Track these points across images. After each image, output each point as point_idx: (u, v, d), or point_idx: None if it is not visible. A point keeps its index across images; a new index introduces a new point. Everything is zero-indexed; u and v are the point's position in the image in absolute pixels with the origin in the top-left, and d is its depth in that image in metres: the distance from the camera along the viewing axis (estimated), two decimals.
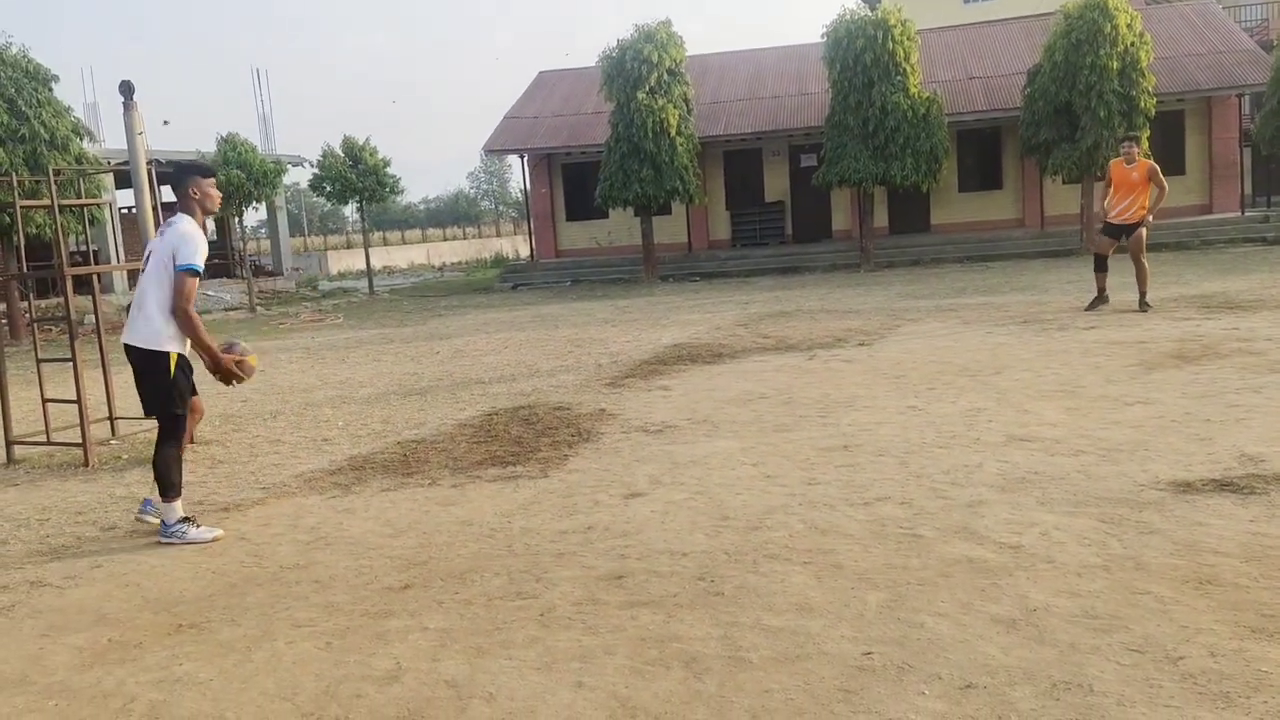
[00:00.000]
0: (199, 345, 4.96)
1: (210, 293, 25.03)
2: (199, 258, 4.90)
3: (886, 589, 3.66)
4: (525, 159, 27.17)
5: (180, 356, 5.01)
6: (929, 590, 3.61)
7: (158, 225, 5.60)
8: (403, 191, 27.80)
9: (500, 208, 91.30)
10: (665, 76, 21.73)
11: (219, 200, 5.21)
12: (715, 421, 6.90)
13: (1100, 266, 11.37)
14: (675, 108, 21.65)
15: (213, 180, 5.14)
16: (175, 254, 4.87)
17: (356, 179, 24.67)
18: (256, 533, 5.02)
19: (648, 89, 21.33)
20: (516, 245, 46.28)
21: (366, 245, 29.23)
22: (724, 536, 4.40)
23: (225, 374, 5.14)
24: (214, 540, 4.89)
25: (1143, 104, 19.76)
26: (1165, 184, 10.95)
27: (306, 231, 76.02)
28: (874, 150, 20.71)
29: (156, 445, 5.06)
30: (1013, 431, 5.95)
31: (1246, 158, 26.88)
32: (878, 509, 4.64)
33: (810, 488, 5.08)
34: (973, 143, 25.34)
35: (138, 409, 5.51)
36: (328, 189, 25.26)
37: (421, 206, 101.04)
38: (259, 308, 23.11)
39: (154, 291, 4.91)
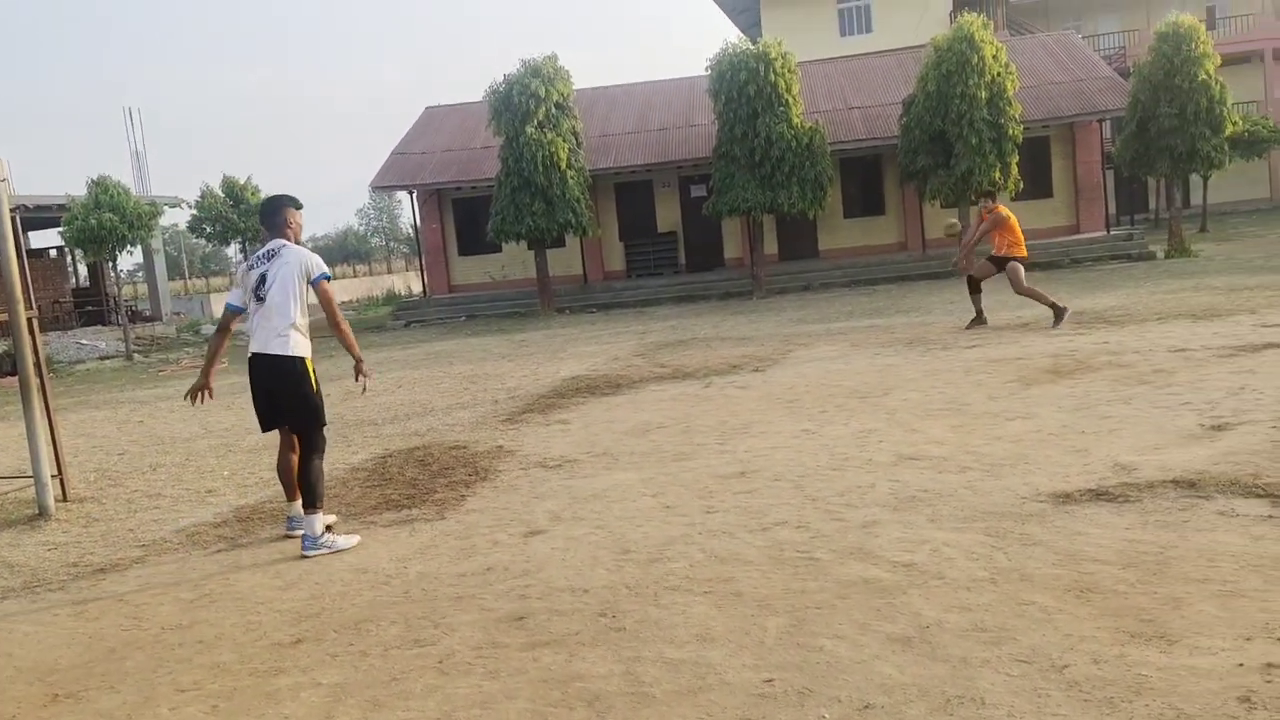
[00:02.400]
0: (351, 346, 5.34)
1: (83, 341, 23.94)
2: (325, 267, 5.36)
3: (786, 614, 3.69)
4: (415, 195, 26.88)
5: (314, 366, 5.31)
6: (827, 613, 3.66)
7: (22, 271, 5.56)
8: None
9: (391, 244, 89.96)
10: (554, 110, 21.83)
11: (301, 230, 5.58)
12: (614, 454, 6.89)
13: (974, 288, 12.25)
14: (565, 141, 21.75)
15: (301, 212, 5.54)
16: (308, 269, 5.25)
17: (239, 219, 24.02)
18: (136, 593, 4.78)
19: (536, 123, 21.39)
20: (409, 282, 45.61)
21: None
22: (625, 570, 4.38)
23: (362, 371, 5.43)
24: (355, 545, 5.13)
25: (1011, 131, 20.71)
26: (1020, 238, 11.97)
27: (188, 274, 73.54)
28: (761, 179, 21.17)
29: (302, 458, 5.26)
30: (902, 451, 6.10)
31: (1109, 179, 28.42)
32: (775, 534, 4.68)
33: (709, 516, 5.11)
34: (855, 170, 26.14)
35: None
36: (208, 230, 24.52)
37: (309, 245, 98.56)
38: (136, 355, 22.20)
39: (289, 306, 5.20)
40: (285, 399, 5.25)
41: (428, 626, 3.93)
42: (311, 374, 5.27)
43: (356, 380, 5.45)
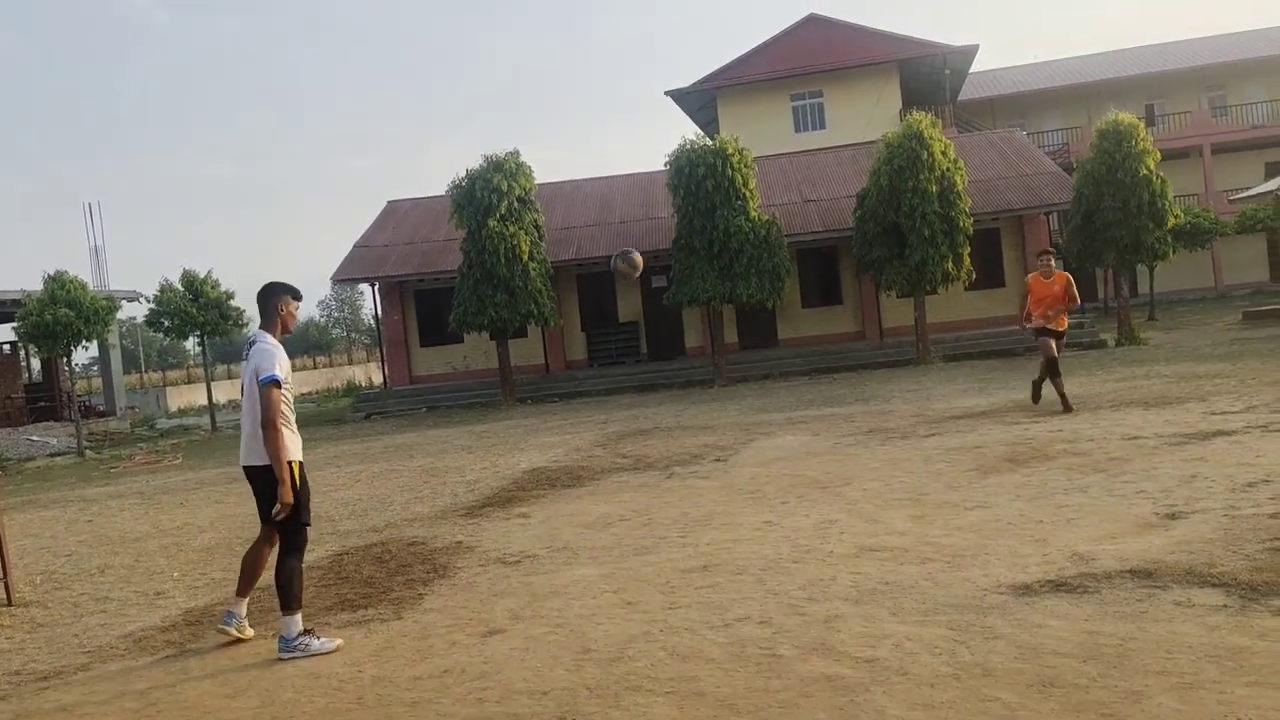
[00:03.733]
0: (275, 459, 4.99)
1: (34, 438, 23.44)
2: (278, 369, 5.08)
3: (749, 714, 3.64)
4: (376, 286, 26.94)
5: (300, 467, 5.13)
6: (790, 712, 3.61)
7: None
8: (248, 324, 27.00)
9: (352, 335, 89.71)
10: (515, 204, 22.13)
11: (295, 321, 5.48)
12: (575, 548, 6.82)
13: (1055, 371, 11.21)
14: (527, 234, 22.01)
15: (299, 303, 5.43)
16: (258, 371, 5.08)
17: (197, 313, 23.83)
18: (80, 704, 4.61)
19: (499, 216, 21.65)
20: (370, 373, 45.40)
21: (208, 380, 28.11)
22: (585, 670, 4.30)
23: (286, 505, 5.00)
24: (335, 650, 4.91)
25: (962, 223, 21.28)
26: (1078, 298, 11.33)
27: (144, 367, 72.62)
28: (720, 270, 21.50)
29: (280, 557, 5.11)
30: (864, 542, 6.11)
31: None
32: (738, 630, 4.64)
33: (671, 612, 5.05)
34: (812, 261, 26.64)
35: None
36: (166, 324, 24.29)
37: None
38: (88, 451, 21.75)
39: (254, 411, 5.09)
40: (262, 501, 5.17)
41: None
42: (297, 474, 5.11)
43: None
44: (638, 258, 8.61)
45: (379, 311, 27.70)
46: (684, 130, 65.88)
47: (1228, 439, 8.27)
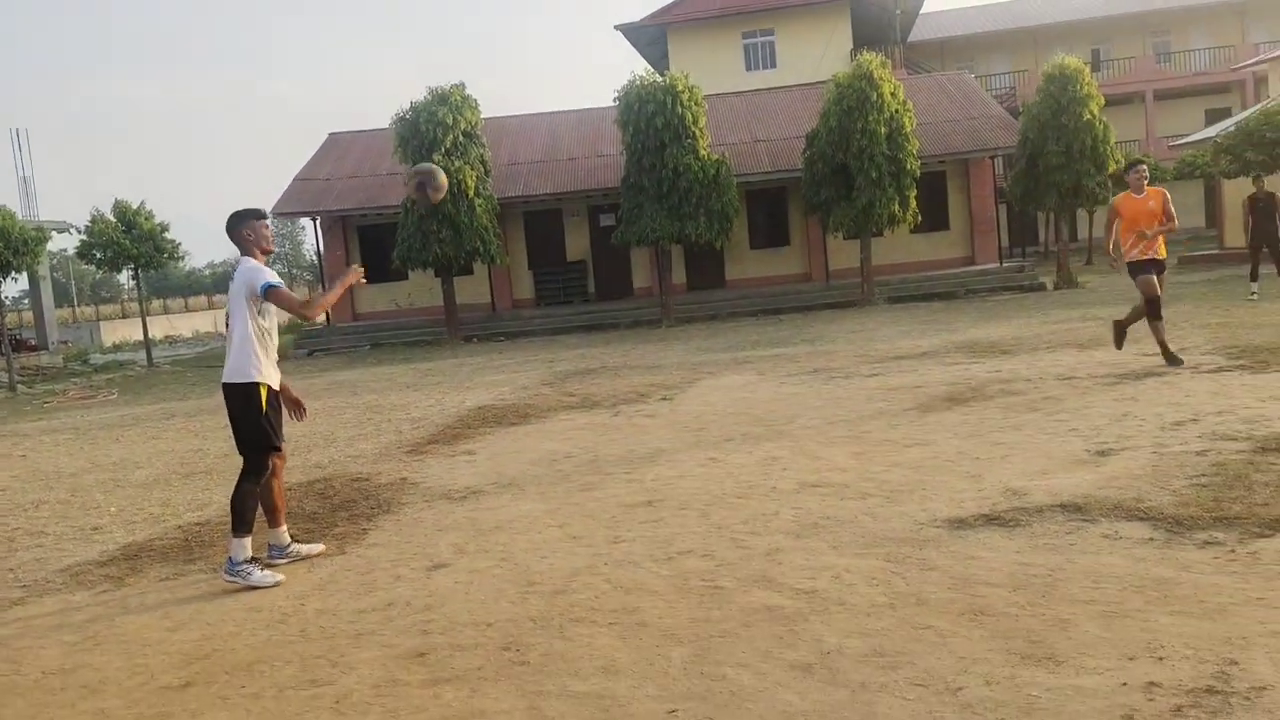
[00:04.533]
0: (333, 300, 5.47)
1: None
2: (272, 276, 5.15)
3: (690, 644, 3.70)
4: (318, 221, 26.39)
5: (270, 392, 5.17)
6: (731, 642, 3.68)
7: None
8: (184, 257, 26.35)
9: (294, 271, 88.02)
10: (461, 139, 21.74)
11: (273, 240, 5.52)
12: (521, 484, 6.84)
13: (1156, 312, 9.33)
14: (473, 169, 21.66)
15: (265, 222, 5.42)
16: (253, 286, 5.09)
17: (130, 245, 23.14)
18: (16, 637, 4.54)
19: (444, 151, 21.26)
20: None
21: (144, 314, 27.41)
22: (530, 603, 4.33)
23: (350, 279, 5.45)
24: (275, 585, 4.92)
25: (909, 166, 21.38)
26: (1175, 217, 9.54)
27: (76, 301, 70.71)
28: (669, 210, 21.39)
29: (239, 480, 5.14)
30: (806, 478, 6.20)
31: (1002, 213, 29.55)
32: (681, 563, 4.70)
33: (615, 546, 5.10)
34: (761, 202, 26.63)
35: None
36: (98, 256, 23.57)
37: (207, 271, 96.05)
38: (20, 386, 21.18)
39: (238, 328, 5.13)
40: (234, 424, 5.20)
41: (325, 666, 3.82)
42: (260, 399, 5.12)
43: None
44: (441, 178, 5.99)
45: (321, 247, 27.18)
46: (634, 66, 64.93)
47: (1158, 380, 8.50)
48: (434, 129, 21.11)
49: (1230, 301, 14.77)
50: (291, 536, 5.49)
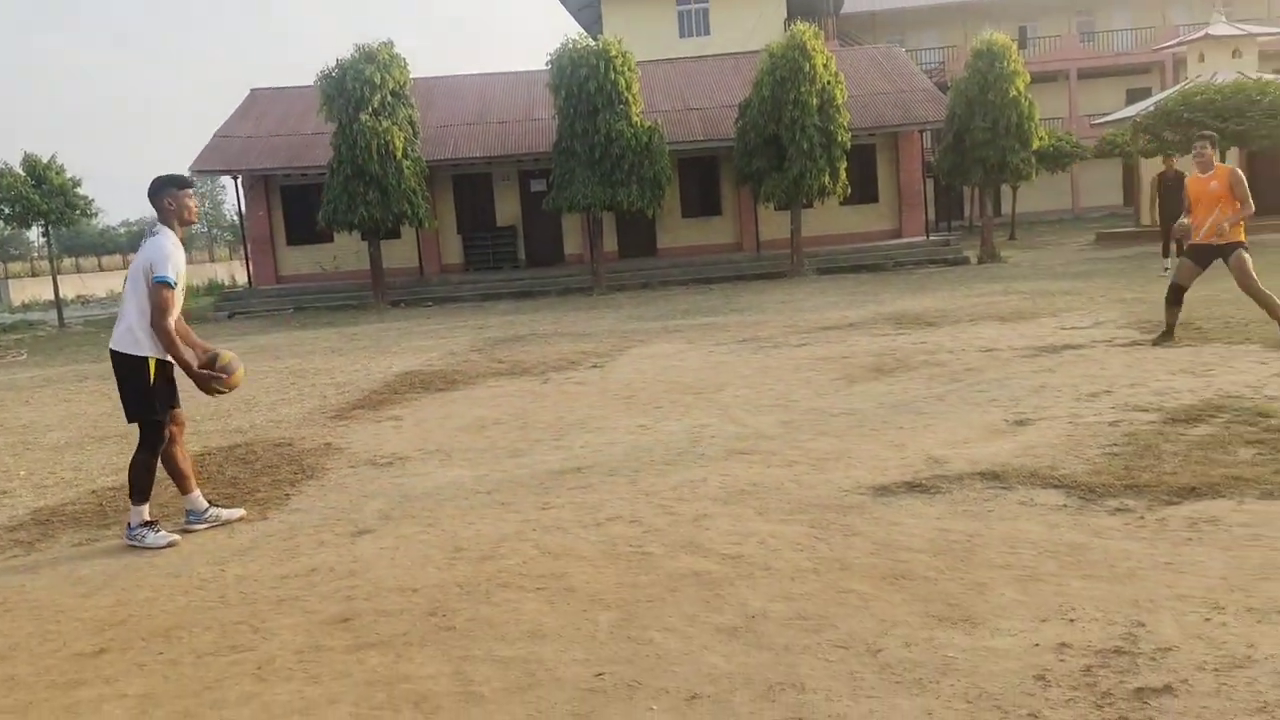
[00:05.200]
0: (174, 358, 5.06)
1: None
2: (171, 270, 4.97)
3: (618, 608, 3.72)
4: (239, 180, 25.65)
5: (160, 362, 5.07)
6: (658, 606, 3.71)
7: None
8: (97, 214, 25.42)
9: (214, 232, 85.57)
10: (389, 98, 21.26)
11: (196, 211, 5.36)
12: (448, 450, 6.78)
13: (1175, 299, 8.81)
14: (401, 130, 21.23)
15: (189, 191, 5.28)
16: (151, 267, 4.97)
17: (40, 200, 22.24)
18: None
19: (371, 110, 20.78)
20: (233, 271, 43.53)
21: (54, 273, 26.44)
22: (457, 569, 4.31)
23: (205, 387, 5.19)
24: (169, 546, 4.92)
25: (840, 137, 21.54)
26: (1250, 199, 8.50)
27: None
28: (601, 176, 21.26)
29: (136, 450, 5.10)
30: (734, 446, 6.26)
31: (930, 187, 30.00)
32: (609, 529, 4.71)
33: (544, 512, 5.09)
34: (693, 171, 26.62)
35: None
36: (5, 211, 22.61)
37: (123, 230, 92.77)
38: None
39: (133, 300, 5.02)
40: (121, 391, 5.13)
41: (246, 632, 3.75)
42: (149, 373, 5.03)
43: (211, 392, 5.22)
44: (237, 375, 5.43)
45: (242, 207, 26.44)
46: (567, 29, 64.29)
47: (1075, 352, 8.75)
48: (361, 87, 20.60)
49: (1145, 277, 15.25)
50: (210, 501, 5.37)
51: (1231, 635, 3.07)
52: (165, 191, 5.15)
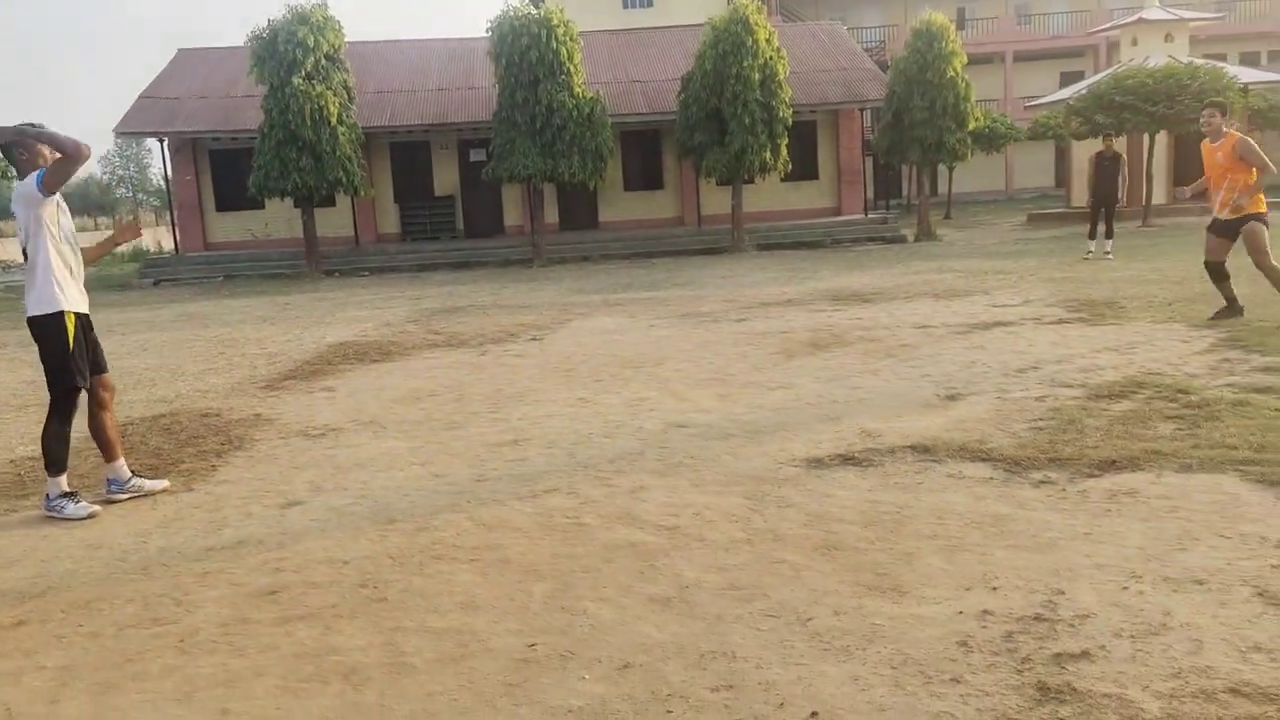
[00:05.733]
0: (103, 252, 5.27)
1: None
2: (35, 173, 4.79)
3: (552, 579, 3.71)
4: (166, 143, 24.89)
5: (79, 320, 4.94)
6: (592, 577, 3.71)
7: None
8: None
9: (140, 196, 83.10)
10: (324, 62, 20.76)
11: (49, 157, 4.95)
12: (382, 422, 6.69)
13: (1218, 275, 8.64)
14: (335, 95, 20.75)
15: (35, 133, 4.94)
16: (33, 196, 4.79)
17: None
18: None
19: (304, 74, 20.28)
20: (159, 237, 42.27)
21: None
22: (389, 540, 4.26)
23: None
24: (90, 517, 4.80)
25: (781, 113, 21.59)
26: (1268, 162, 8.27)
27: None
28: (542, 147, 21.05)
29: (46, 419, 4.97)
30: (672, 419, 6.27)
31: (869, 166, 30.30)
32: (545, 501, 4.70)
33: (479, 484, 5.05)
34: (636, 144, 26.49)
35: None
36: None
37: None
38: None
39: (39, 257, 4.85)
40: (42, 358, 5.01)
41: (169, 604, 3.67)
42: (67, 329, 4.88)
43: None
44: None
45: (169, 171, 25.68)
46: None
47: (1005, 329, 8.93)
48: (293, 49, 20.07)
49: (1073, 257, 15.60)
50: (134, 471, 5.25)
51: (1147, 603, 3.17)
52: (13, 147, 4.96)
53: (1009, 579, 3.43)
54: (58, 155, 4.84)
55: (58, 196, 4.94)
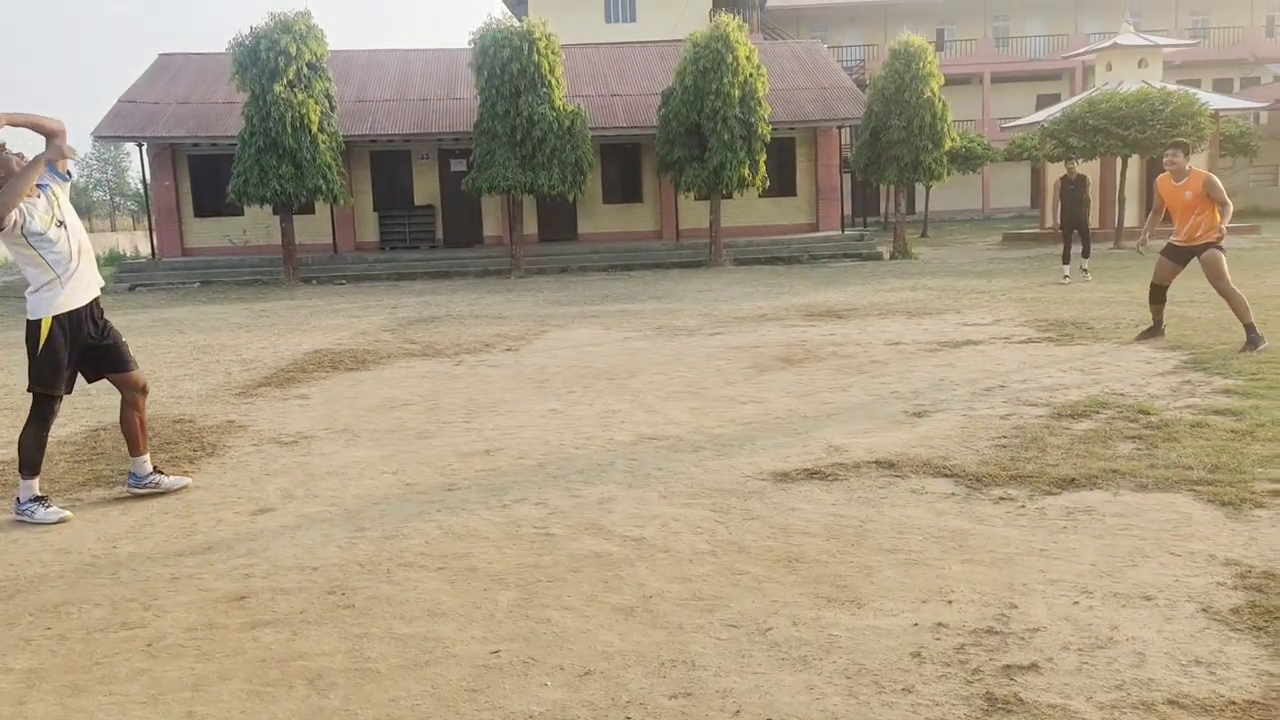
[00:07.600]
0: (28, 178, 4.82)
1: None
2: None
3: (518, 588, 3.76)
4: (145, 148, 24.80)
5: (56, 324, 4.92)
6: (558, 586, 3.77)
7: None
8: None
9: (117, 200, 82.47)
10: (305, 70, 20.79)
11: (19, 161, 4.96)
12: (356, 430, 6.72)
13: (1158, 298, 8.94)
14: (317, 103, 20.78)
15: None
16: None
17: None
18: None
19: (286, 82, 20.29)
20: (136, 242, 42.02)
21: None
22: (358, 548, 4.30)
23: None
24: (60, 522, 4.79)
25: (760, 130, 21.80)
26: (1229, 201, 8.50)
27: None
28: (522, 159, 21.14)
29: (26, 423, 5.02)
30: (643, 431, 6.34)
31: (846, 183, 30.56)
32: (514, 510, 4.75)
33: (449, 493, 5.10)
34: (616, 157, 26.64)
35: None
36: None
37: None
38: None
39: (27, 269, 4.92)
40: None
41: (137, 609, 3.70)
42: (41, 335, 4.93)
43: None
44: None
45: (148, 176, 25.58)
46: (491, 8, 63.45)
47: (975, 348, 9.07)
48: (276, 57, 20.10)
49: (1045, 278, 15.81)
50: (155, 468, 5.35)
51: (1096, 618, 3.26)
52: None
53: (964, 593, 3.51)
54: (25, 164, 4.88)
55: (36, 198, 4.94)
